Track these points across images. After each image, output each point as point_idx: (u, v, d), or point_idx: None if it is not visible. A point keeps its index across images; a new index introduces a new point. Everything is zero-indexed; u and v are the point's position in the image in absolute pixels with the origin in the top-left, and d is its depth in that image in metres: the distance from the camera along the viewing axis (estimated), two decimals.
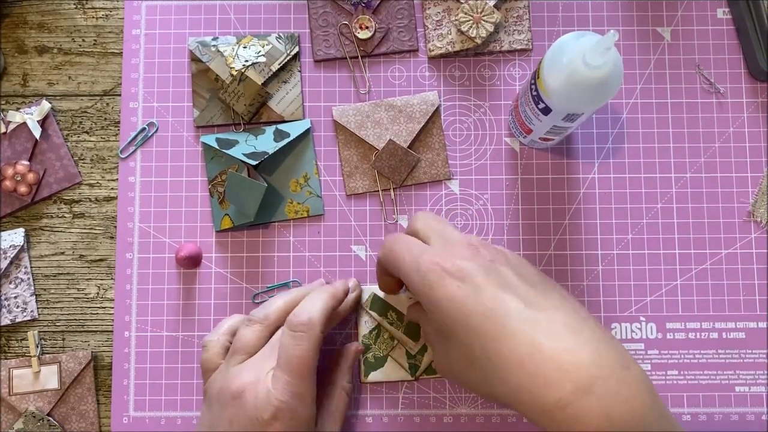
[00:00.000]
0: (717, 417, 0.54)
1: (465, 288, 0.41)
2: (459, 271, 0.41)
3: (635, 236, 0.56)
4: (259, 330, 0.48)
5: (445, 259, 0.42)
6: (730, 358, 0.55)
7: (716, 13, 0.58)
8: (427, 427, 0.54)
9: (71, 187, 0.57)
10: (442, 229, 0.45)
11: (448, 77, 0.58)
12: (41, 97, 0.58)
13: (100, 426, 0.54)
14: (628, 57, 0.58)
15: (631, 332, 0.55)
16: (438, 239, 0.45)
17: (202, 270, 0.56)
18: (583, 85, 0.44)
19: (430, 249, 0.44)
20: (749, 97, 0.57)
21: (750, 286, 0.55)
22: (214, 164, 0.56)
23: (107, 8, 0.59)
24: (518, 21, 0.58)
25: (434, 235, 0.45)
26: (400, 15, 0.58)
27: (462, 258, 0.42)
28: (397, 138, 0.56)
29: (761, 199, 0.56)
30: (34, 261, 0.56)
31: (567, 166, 0.57)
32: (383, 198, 0.56)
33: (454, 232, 0.45)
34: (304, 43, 0.58)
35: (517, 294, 0.41)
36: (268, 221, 0.56)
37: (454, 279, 0.41)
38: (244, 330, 0.48)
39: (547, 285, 0.43)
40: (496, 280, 0.41)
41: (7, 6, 0.58)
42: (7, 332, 0.55)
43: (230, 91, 0.56)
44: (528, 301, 0.40)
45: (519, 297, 0.41)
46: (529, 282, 0.42)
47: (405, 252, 0.44)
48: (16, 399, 0.53)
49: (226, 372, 0.46)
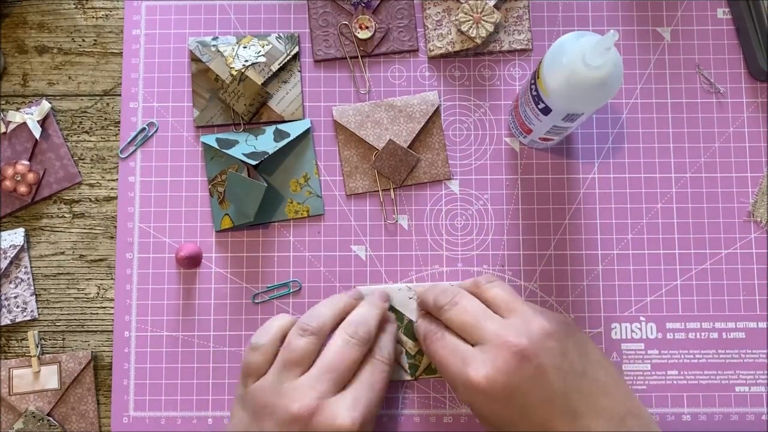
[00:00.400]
0: (717, 417, 0.54)
1: (512, 409, 0.42)
2: (504, 391, 0.42)
3: (635, 236, 0.56)
4: (314, 342, 0.47)
5: (492, 378, 0.42)
6: (730, 358, 0.55)
7: (716, 13, 0.58)
8: (427, 427, 0.54)
9: (71, 187, 0.57)
10: (500, 323, 0.45)
11: (448, 77, 0.58)
12: (41, 97, 0.58)
13: (100, 426, 0.54)
14: (628, 57, 0.58)
15: (631, 332, 0.55)
16: (489, 331, 0.44)
17: (202, 270, 0.56)
18: (583, 85, 0.44)
19: (475, 360, 0.44)
20: (749, 97, 0.57)
21: (750, 286, 0.55)
22: (214, 164, 0.56)
23: (107, 8, 0.59)
24: (518, 21, 0.58)
25: (488, 328, 0.45)
26: (400, 15, 0.58)
27: (506, 372, 0.42)
28: (397, 138, 0.56)
29: (761, 199, 0.56)
30: (34, 261, 0.56)
31: (567, 166, 0.57)
32: (383, 198, 0.56)
33: (512, 322, 0.45)
34: (304, 43, 0.58)
35: (564, 408, 0.42)
36: (268, 221, 0.56)
37: (498, 401, 0.42)
38: (299, 341, 0.47)
39: (586, 376, 0.44)
40: (541, 394, 0.42)
41: (7, 6, 0.58)
42: (7, 332, 0.55)
43: (230, 91, 0.56)
44: (572, 413, 0.42)
45: (564, 412, 0.42)
46: (572, 383, 0.43)
47: (450, 360, 0.45)
48: (16, 399, 0.53)
49: (278, 386, 0.45)
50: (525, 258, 0.56)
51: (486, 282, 0.49)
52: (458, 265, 0.56)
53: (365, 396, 0.45)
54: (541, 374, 0.42)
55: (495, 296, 0.47)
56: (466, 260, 0.56)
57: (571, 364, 0.43)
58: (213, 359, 0.55)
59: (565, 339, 0.44)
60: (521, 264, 0.56)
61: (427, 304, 0.50)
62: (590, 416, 0.42)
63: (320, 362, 0.46)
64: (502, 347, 0.43)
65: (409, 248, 0.56)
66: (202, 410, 0.54)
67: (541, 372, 0.42)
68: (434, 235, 0.56)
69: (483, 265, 0.56)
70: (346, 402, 0.44)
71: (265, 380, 0.46)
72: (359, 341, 0.47)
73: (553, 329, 0.44)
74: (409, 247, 0.56)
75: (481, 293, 0.48)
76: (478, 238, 0.56)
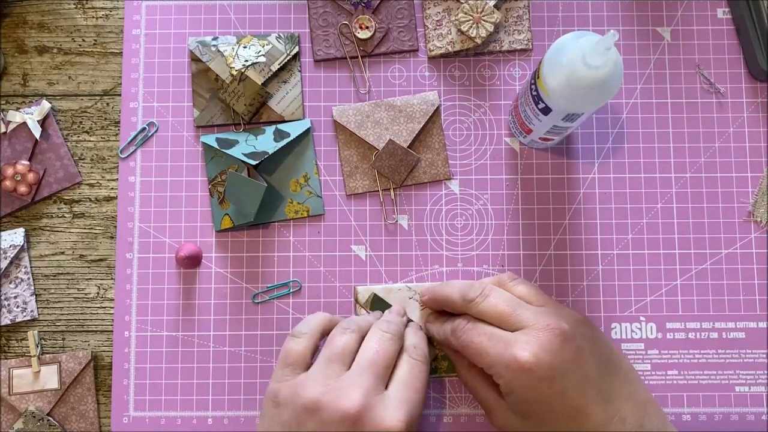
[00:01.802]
0: (717, 417, 0.54)
1: (554, 390, 0.43)
2: (549, 371, 0.43)
3: (635, 236, 0.56)
4: (355, 339, 0.47)
5: (539, 356, 0.43)
6: (730, 358, 0.55)
7: (716, 13, 0.58)
8: (427, 427, 0.54)
9: (71, 187, 0.57)
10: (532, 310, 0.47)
11: (448, 77, 0.58)
12: (41, 97, 0.58)
13: (100, 426, 0.54)
14: (628, 57, 0.58)
15: (631, 332, 0.55)
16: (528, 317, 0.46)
17: (202, 270, 0.56)
18: (583, 85, 0.44)
19: (519, 342, 0.44)
20: (749, 97, 0.57)
21: (750, 286, 0.55)
22: (214, 164, 0.56)
23: (107, 8, 0.59)
24: (518, 21, 0.58)
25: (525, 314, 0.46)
26: (400, 15, 0.58)
27: (551, 352, 0.43)
28: (397, 138, 0.56)
29: (761, 199, 0.56)
30: (34, 261, 0.56)
31: (567, 166, 0.57)
32: (383, 198, 0.56)
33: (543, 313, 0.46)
34: (304, 43, 0.58)
35: (597, 391, 0.44)
36: (268, 221, 0.56)
37: (544, 381, 0.43)
38: (342, 336, 0.47)
39: (614, 364, 0.46)
40: (580, 374, 0.44)
41: (7, 6, 0.58)
42: (7, 332, 0.55)
43: (230, 91, 0.56)
44: (604, 397, 0.44)
45: (597, 394, 0.44)
46: (603, 368, 0.45)
47: (489, 345, 0.46)
48: (16, 399, 0.53)
49: (324, 380, 0.44)
50: (525, 258, 0.56)
51: (510, 280, 0.50)
52: (458, 265, 0.56)
53: (409, 396, 0.45)
54: (580, 356, 0.44)
55: (521, 293, 0.49)
56: (466, 260, 0.56)
57: (601, 351, 0.46)
58: (213, 359, 0.55)
59: (593, 328, 0.48)
60: (521, 264, 0.56)
61: (450, 302, 0.50)
62: (620, 400, 0.45)
63: (360, 358, 0.46)
64: (545, 329, 0.44)
65: (409, 248, 0.56)
66: (202, 410, 0.54)
67: (579, 354, 0.44)
68: (434, 235, 0.56)
69: (483, 265, 0.56)
70: (393, 403, 0.44)
71: (309, 375, 0.45)
72: (393, 335, 0.47)
73: (582, 318, 0.48)
74: (409, 247, 0.56)
75: (508, 290, 0.49)
76: (478, 238, 0.56)
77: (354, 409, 0.42)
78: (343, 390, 0.43)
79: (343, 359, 0.46)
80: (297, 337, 0.47)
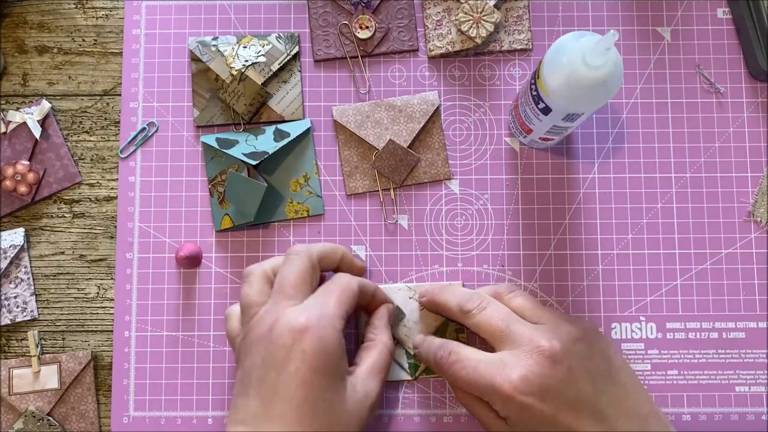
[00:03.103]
0: (717, 417, 0.54)
1: (546, 413, 0.43)
2: (539, 395, 0.43)
3: (635, 236, 0.56)
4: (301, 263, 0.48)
5: (527, 379, 0.43)
6: (730, 358, 0.55)
7: (716, 13, 0.58)
8: (427, 427, 0.54)
9: (71, 187, 0.57)
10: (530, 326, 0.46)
11: (448, 77, 0.58)
12: (41, 96, 0.58)
13: (100, 426, 0.54)
14: (628, 57, 0.58)
15: (631, 332, 0.55)
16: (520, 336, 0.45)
17: (202, 270, 0.56)
18: (583, 85, 0.44)
19: (506, 367, 0.44)
20: (749, 97, 0.57)
21: (750, 286, 0.55)
22: (214, 164, 0.56)
23: (107, 8, 0.59)
24: (518, 21, 0.58)
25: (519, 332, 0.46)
26: (400, 15, 0.58)
27: (540, 375, 0.43)
28: (397, 138, 0.56)
29: (761, 199, 0.56)
30: (34, 261, 0.56)
31: (567, 166, 0.57)
32: (383, 198, 0.56)
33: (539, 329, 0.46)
34: (304, 43, 0.58)
35: (592, 410, 0.44)
36: (268, 221, 0.56)
37: (536, 405, 0.43)
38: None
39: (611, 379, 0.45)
40: (574, 398, 0.44)
41: (7, 6, 0.58)
42: (7, 332, 0.55)
43: (230, 91, 0.56)
44: (599, 415, 0.44)
45: (592, 413, 0.43)
46: (599, 386, 0.44)
47: (474, 378, 0.45)
48: (16, 399, 0.53)
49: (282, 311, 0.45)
50: (525, 258, 0.56)
51: (508, 292, 0.50)
52: (458, 265, 0.56)
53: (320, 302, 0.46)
54: (571, 376, 0.44)
55: (518, 305, 0.49)
56: (466, 260, 0.56)
57: (597, 368, 0.45)
58: (213, 359, 0.55)
59: (591, 343, 0.46)
60: (521, 264, 0.56)
61: (447, 309, 0.50)
62: (616, 417, 0.44)
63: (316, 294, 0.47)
64: (534, 351, 0.44)
65: (409, 248, 0.56)
66: (202, 410, 0.54)
67: (571, 374, 0.44)
68: (434, 235, 0.56)
69: (483, 265, 0.56)
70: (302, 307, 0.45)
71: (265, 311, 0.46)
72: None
73: (580, 334, 0.46)
74: (409, 247, 0.56)
75: (505, 302, 0.49)
76: (478, 238, 0.56)
77: (304, 323, 0.43)
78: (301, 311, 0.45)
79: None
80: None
